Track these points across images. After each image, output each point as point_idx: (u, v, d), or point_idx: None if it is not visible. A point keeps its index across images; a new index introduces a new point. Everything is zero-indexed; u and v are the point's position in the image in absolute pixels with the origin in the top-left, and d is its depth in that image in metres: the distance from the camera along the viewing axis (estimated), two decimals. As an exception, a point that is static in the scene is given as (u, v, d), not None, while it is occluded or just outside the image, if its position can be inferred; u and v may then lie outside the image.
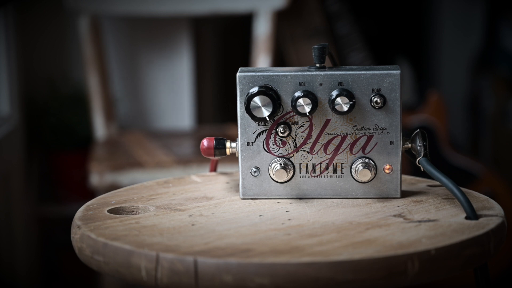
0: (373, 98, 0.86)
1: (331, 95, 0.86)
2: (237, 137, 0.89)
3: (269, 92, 0.86)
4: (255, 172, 0.89)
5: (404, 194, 0.89)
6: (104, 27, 2.11)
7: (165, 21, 2.22)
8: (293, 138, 0.88)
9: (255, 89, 0.86)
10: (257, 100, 0.86)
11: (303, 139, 0.88)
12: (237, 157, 0.89)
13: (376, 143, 0.88)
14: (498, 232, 0.77)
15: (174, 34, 2.25)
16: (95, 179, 1.68)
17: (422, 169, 0.86)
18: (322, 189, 0.89)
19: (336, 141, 0.88)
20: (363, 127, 0.88)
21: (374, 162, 0.88)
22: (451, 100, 2.81)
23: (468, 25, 2.88)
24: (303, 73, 0.87)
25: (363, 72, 0.87)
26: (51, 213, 2.21)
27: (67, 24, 2.23)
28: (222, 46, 2.63)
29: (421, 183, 0.94)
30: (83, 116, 2.14)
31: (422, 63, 2.97)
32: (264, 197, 0.89)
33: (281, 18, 2.13)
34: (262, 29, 1.97)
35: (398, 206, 0.85)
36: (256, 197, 0.89)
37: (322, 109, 0.87)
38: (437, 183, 0.90)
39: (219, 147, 0.90)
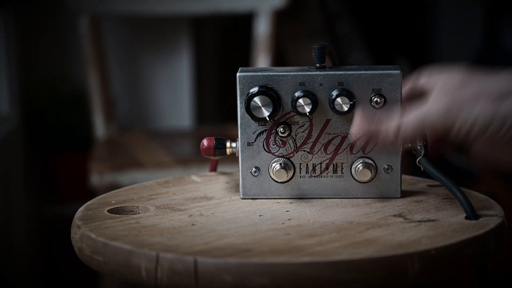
0: (373, 98, 0.86)
1: (331, 95, 0.86)
2: (237, 137, 0.89)
3: (269, 92, 0.86)
4: (255, 172, 0.89)
5: (404, 194, 0.89)
6: (104, 27, 2.11)
7: (165, 21, 2.22)
8: (293, 138, 0.88)
9: (255, 89, 0.86)
10: (257, 100, 0.86)
11: (303, 139, 0.88)
12: (237, 157, 0.89)
13: (376, 143, 0.88)
14: (498, 232, 0.77)
15: (174, 34, 2.25)
16: (95, 179, 1.68)
17: (422, 169, 0.86)
18: (322, 189, 0.89)
19: (336, 141, 0.88)
20: (363, 127, 0.87)
21: (374, 162, 0.88)
22: (451, 100, 2.81)
23: (468, 25, 2.88)
24: (303, 73, 0.87)
25: (363, 72, 0.87)
26: (51, 213, 2.21)
27: (67, 24, 2.22)
28: (222, 46, 2.63)
29: (421, 183, 0.94)
30: (83, 116, 2.14)
31: (422, 63, 2.97)
32: (264, 197, 0.89)
33: (281, 18, 2.13)
34: (262, 29, 1.97)
35: (398, 206, 0.85)
36: (256, 197, 0.89)
37: (322, 109, 0.87)
38: (437, 183, 0.90)
39: (219, 147, 0.90)
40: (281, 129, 0.88)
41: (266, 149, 0.88)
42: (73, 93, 2.21)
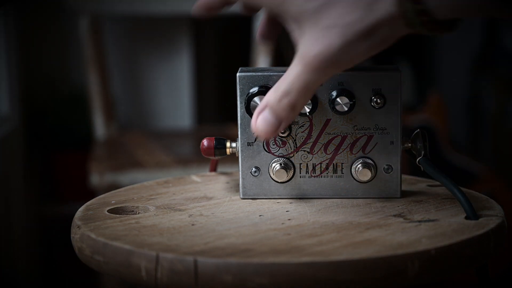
0: (373, 98, 0.86)
1: (331, 95, 0.86)
2: (237, 137, 0.89)
3: (269, 92, 0.86)
4: (255, 172, 0.89)
5: (404, 194, 0.89)
6: (104, 27, 2.11)
7: (165, 21, 2.22)
8: (293, 138, 0.88)
9: (255, 89, 0.86)
10: (257, 100, 0.86)
11: (303, 139, 0.88)
12: (237, 157, 0.89)
13: (376, 143, 0.88)
14: (498, 232, 0.77)
15: (174, 34, 2.25)
16: (95, 179, 1.68)
17: (422, 169, 0.86)
18: (322, 189, 0.89)
19: (336, 141, 0.88)
20: (363, 127, 0.87)
21: (374, 162, 0.88)
22: (451, 100, 2.81)
23: (468, 25, 2.88)
24: (303, 73, 0.87)
25: (363, 72, 0.87)
26: (51, 213, 2.21)
27: (67, 24, 2.23)
28: (222, 46, 2.63)
29: (421, 183, 0.94)
30: (83, 116, 2.15)
31: (422, 63, 2.97)
32: (264, 197, 0.89)
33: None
34: (262, 29, 1.96)
35: (398, 206, 0.85)
36: (256, 197, 0.89)
37: (322, 109, 0.87)
38: (437, 183, 0.90)
39: (219, 147, 0.90)
40: (281, 129, 0.87)
41: (266, 149, 0.88)
42: (73, 93, 2.22)
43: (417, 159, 0.87)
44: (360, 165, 0.88)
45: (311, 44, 0.74)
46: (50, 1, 2.22)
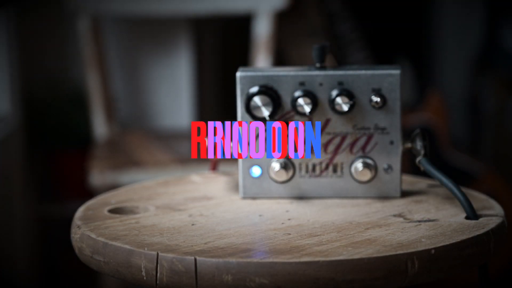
0: (373, 98, 0.86)
1: (331, 95, 0.86)
2: (237, 137, 0.89)
3: (269, 91, 0.86)
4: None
5: (404, 194, 0.89)
6: (104, 27, 2.11)
7: (165, 21, 2.22)
8: (293, 138, 0.88)
9: (255, 89, 0.86)
10: (257, 99, 0.86)
11: (303, 139, 0.88)
12: (237, 157, 0.89)
13: (376, 143, 0.88)
14: (498, 232, 0.78)
15: (174, 34, 2.25)
16: (95, 178, 1.68)
17: (422, 169, 0.86)
18: (322, 189, 0.89)
19: (336, 141, 0.88)
20: (363, 127, 0.87)
21: (374, 162, 0.88)
22: (451, 100, 2.81)
23: (468, 25, 2.88)
24: (303, 72, 0.87)
25: (363, 71, 0.87)
26: (51, 213, 2.21)
27: (67, 24, 2.23)
28: (222, 46, 2.63)
29: (421, 183, 0.94)
30: (83, 116, 2.14)
31: (422, 62, 2.97)
32: (264, 197, 0.89)
33: (281, 18, 2.13)
34: (262, 29, 1.97)
35: (398, 206, 0.85)
36: (256, 197, 0.89)
37: (322, 109, 0.87)
38: (437, 183, 0.90)
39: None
40: (281, 129, 0.87)
41: (266, 149, 0.88)
42: (73, 93, 2.22)
43: (417, 159, 0.87)
44: (359, 165, 0.88)
45: None
46: (50, 1, 2.22)
